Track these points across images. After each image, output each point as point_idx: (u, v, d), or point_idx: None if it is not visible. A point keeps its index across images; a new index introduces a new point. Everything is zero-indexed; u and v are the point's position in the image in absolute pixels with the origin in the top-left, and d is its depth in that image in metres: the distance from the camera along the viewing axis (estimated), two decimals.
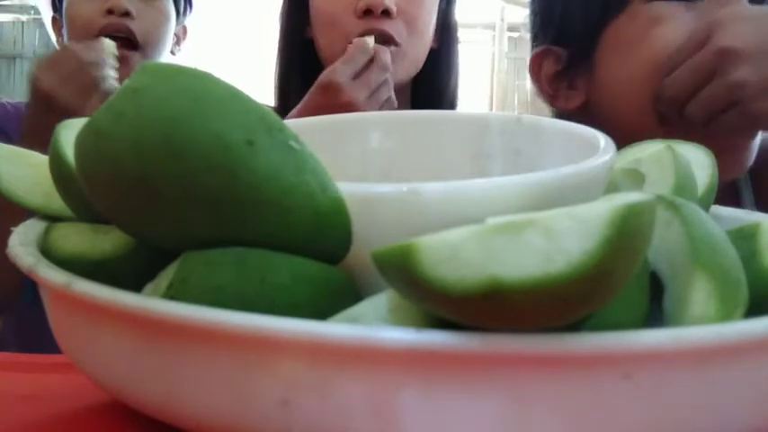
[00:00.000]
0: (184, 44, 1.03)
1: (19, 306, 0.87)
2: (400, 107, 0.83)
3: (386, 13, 0.74)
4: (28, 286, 0.87)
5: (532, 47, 0.72)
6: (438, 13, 0.82)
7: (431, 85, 0.86)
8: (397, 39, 0.76)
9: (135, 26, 0.89)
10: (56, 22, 0.98)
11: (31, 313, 0.87)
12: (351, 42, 0.73)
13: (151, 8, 0.92)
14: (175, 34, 0.98)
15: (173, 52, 0.99)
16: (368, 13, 0.74)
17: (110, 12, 0.88)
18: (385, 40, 0.75)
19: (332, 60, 0.79)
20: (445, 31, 0.86)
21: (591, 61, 0.65)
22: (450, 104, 0.88)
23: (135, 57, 0.90)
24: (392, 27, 0.75)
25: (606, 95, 0.65)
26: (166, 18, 0.94)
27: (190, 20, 1.03)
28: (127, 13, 0.88)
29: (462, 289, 0.17)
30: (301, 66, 0.84)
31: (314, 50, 0.82)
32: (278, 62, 0.87)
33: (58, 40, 0.98)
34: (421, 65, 0.82)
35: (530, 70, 0.70)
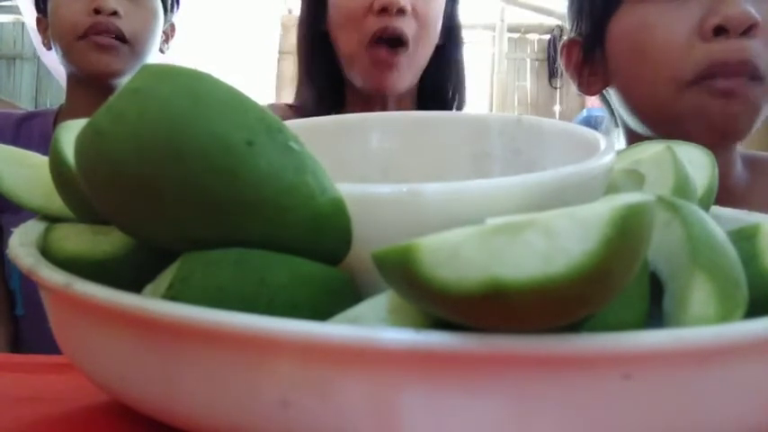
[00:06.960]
0: (173, 42, 1.02)
1: (11, 318, 0.88)
2: (406, 107, 0.84)
3: (400, 11, 0.77)
4: (18, 299, 0.87)
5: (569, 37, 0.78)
6: (444, 14, 0.84)
7: (435, 84, 0.87)
8: (409, 37, 0.78)
9: (123, 25, 0.88)
10: (41, 23, 0.97)
11: (21, 324, 0.88)
12: (366, 39, 0.76)
13: (139, 7, 0.91)
14: (164, 32, 0.97)
15: (161, 50, 0.98)
16: (383, 10, 0.77)
17: (96, 11, 0.87)
18: (398, 42, 0.78)
19: (348, 56, 0.80)
20: (450, 31, 0.87)
21: (603, 51, 0.70)
22: (458, 105, 0.89)
23: (123, 48, 0.89)
24: (405, 24, 0.78)
25: (620, 84, 0.70)
26: (154, 16, 0.93)
27: (184, 19, 1.02)
28: (114, 13, 0.88)
29: (462, 289, 0.17)
30: (320, 57, 0.86)
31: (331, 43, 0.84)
32: (298, 54, 0.88)
33: (43, 41, 0.97)
34: (426, 63, 0.83)
35: (563, 59, 0.76)
